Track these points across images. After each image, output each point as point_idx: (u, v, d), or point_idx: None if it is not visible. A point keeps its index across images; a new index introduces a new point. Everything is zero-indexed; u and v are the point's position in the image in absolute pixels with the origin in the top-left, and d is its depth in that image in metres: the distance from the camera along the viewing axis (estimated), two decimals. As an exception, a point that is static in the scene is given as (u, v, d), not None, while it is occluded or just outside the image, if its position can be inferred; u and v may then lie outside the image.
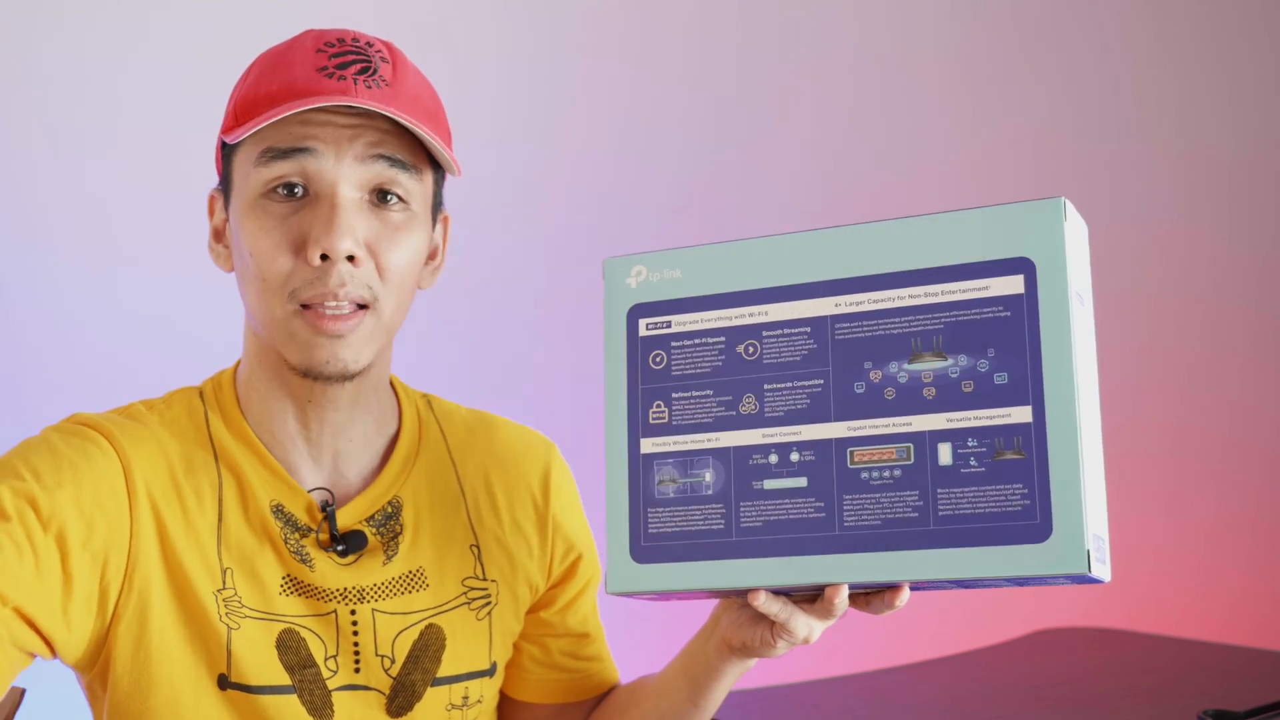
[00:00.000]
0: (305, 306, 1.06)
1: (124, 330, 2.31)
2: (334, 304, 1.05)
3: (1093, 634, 2.27)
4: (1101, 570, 0.94)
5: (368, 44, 1.10)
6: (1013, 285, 0.97)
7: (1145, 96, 3.25)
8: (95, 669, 1.08)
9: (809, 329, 1.02)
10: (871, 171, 3.00)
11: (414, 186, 1.10)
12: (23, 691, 1.15)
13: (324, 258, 1.05)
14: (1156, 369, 3.16)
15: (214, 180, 1.17)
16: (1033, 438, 0.94)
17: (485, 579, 1.19)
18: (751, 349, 1.04)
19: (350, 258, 1.05)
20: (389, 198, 1.08)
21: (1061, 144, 3.15)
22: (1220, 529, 3.13)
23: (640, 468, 1.05)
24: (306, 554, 1.11)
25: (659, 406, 1.05)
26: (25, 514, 1.00)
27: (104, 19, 2.36)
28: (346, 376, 1.09)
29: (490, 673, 1.19)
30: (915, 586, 1.00)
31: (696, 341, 1.05)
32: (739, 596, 1.05)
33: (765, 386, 1.02)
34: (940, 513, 0.95)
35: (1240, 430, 3.19)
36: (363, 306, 1.07)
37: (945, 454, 0.96)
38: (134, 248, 2.34)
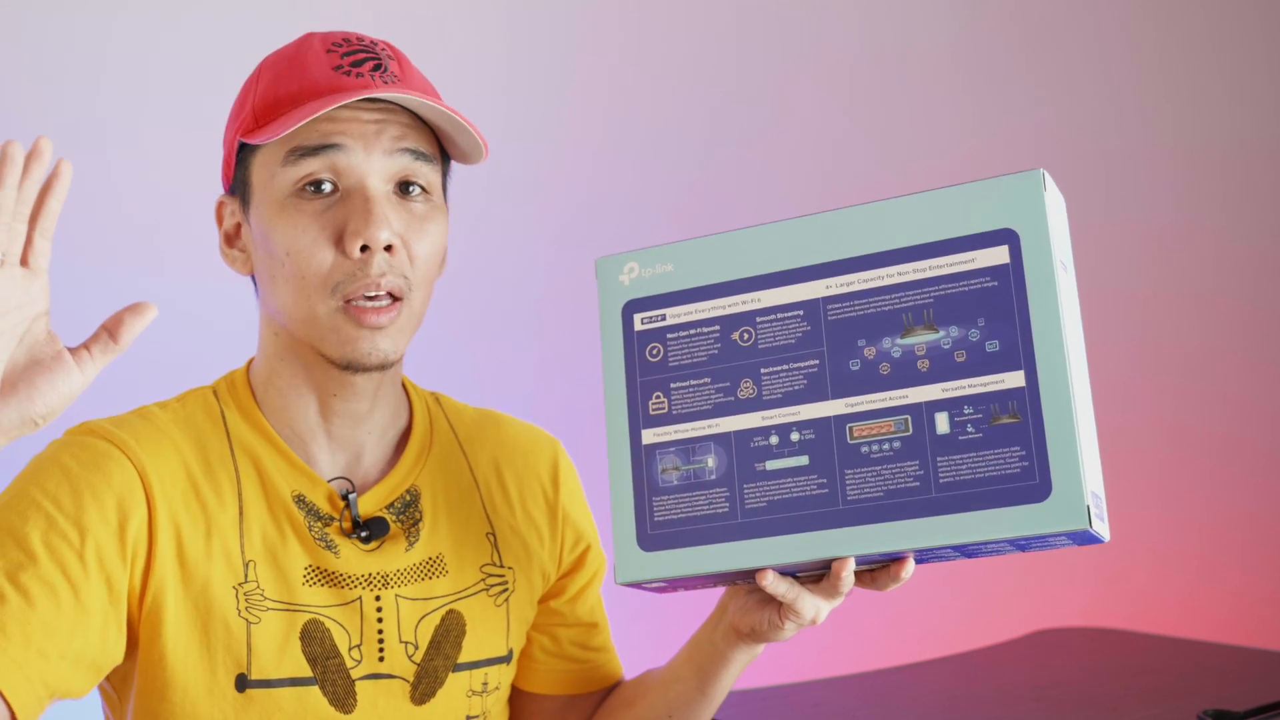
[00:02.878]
0: (348, 301, 1.08)
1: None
2: (374, 294, 1.07)
3: (1093, 634, 2.27)
4: (1101, 528, 0.96)
5: (372, 43, 1.13)
6: (998, 256, 0.99)
7: (1143, 96, 3.26)
8: (133, 652, 1.09)
9: (802, 312, 1.04)
10: (870, 171, 3.01)
11: (434, 177, 1.13)
12: None
13: (364, 249, 1.07)
14: (1154, 367, 3.16)
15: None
16: (1027, 401, 0.96)
17: (502, 566, 1.20)
18: (746, 335, 1.05)
19: (388, 248, 1.08)
20: (411, 189, 1.11)
21: (1060, 143, 3.15)
22: (1219, 528, 3.13)
23: (643, 458, 1.06)
24: (331, 541, 1.12)
25: (658, 397, 1.07)
26: (57, 548, 1.02)
27: (125, 18, 2.36)
28: (386, 366, 1.11)
29: (507, 659, 1.20)
30: (920, 558, 1.01)
31: (692, 332, 1.07)
32: (746, 580, 1.06)
33: (762, 370, 1.04)
34: (941, 480, 0.97)
35: (1238, 428, 3.19)
36: (397, 298, 1.09)
37: (943, 423, 0.98)
38: (155, 246, 2.35)
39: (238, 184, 1.14)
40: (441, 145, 1.16)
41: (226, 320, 2.01)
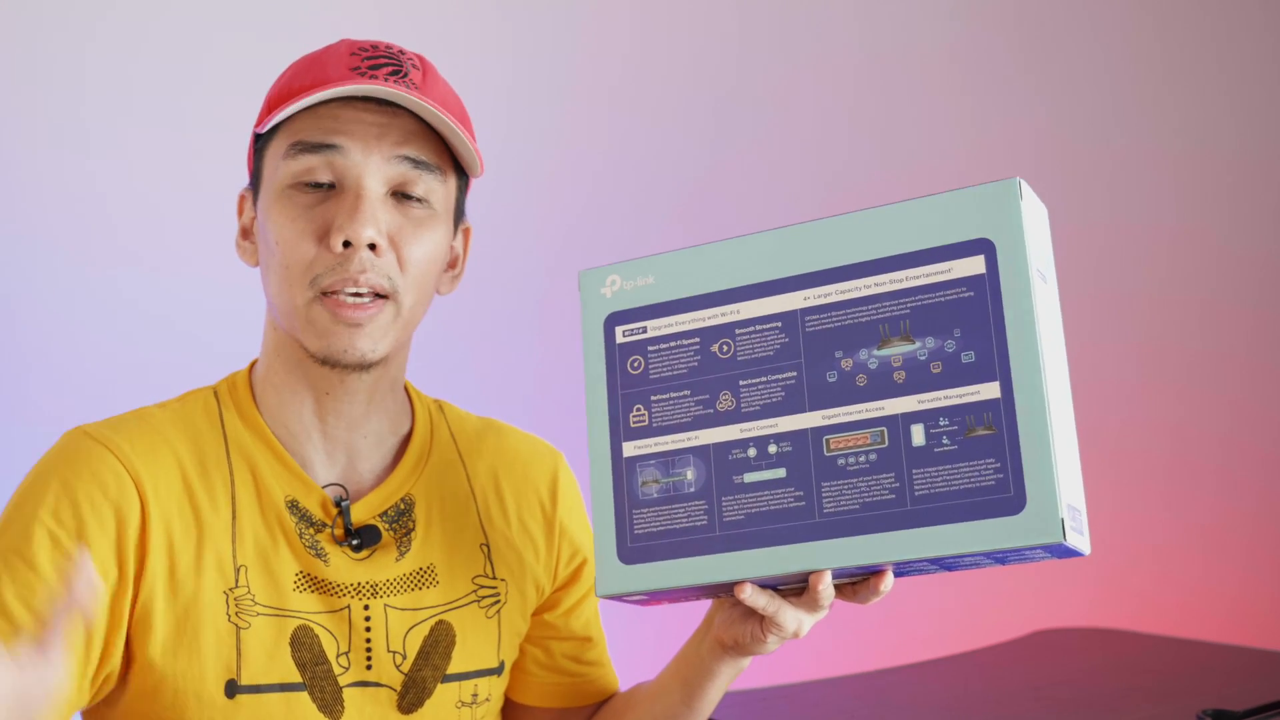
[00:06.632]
0: (325, 294, 1.08)
1: (127, 329, 2.32)
2: (354, 290, 1.07)
3: (1093, 634, 2.27)
4: (1079, 540, 0.95)
5: (400, 52, 1.14)
6: (974, 266, 0.98)
7: (1145, 97, 3.26)
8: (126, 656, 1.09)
9: (780, 324, 1.04)
10: (871, 172, 3.01)
11: (436, 187, 1.13)
12: None
13: (346, 245, 1.07)
14: (1156, 369, 3.16)
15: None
16: (1002, 412, 0.95)
17: (495, 578, 1.20)
18: (725, 347, 1.05)
19: (372, 246, 1.08)
20: (411, 196, 1.11)
21: (1061, 144, 3.15)
22: (1220, 529, 3.13)
23: (623, 471, 1.06)
24: (321, 549, 1.12)
25: (639, 410, 1.07)
26: (63, 567, 1.03)
27: (111, 17, 2.36)
28: (364, 366, 1.11)
29: (498, 671, 1.20)
30: (899, 571, 1.01)
31: (672, 344, 1.07)
32: (727, 593, 1.06)
33: (741, 383, 1.04)
34: (916, 492, 0.97)
35: (1240, 430, 3.19)
36: (382, 296, 1.09)
37: (918, 435, 0.97)
38: (137, 246, 2.35)
39: (254, 176, 1.16)
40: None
41: (210, 322, 2.01)
